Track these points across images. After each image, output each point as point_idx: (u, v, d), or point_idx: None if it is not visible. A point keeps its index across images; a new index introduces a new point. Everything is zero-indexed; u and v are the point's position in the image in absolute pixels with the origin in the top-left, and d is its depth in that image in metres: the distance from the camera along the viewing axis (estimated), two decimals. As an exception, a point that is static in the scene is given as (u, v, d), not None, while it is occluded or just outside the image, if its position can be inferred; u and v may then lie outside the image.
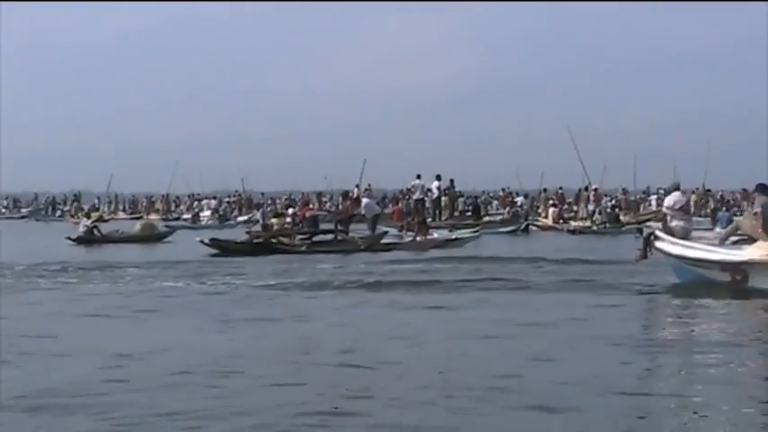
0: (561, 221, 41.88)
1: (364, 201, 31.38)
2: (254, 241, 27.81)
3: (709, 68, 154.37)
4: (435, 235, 30.87)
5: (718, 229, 36.62)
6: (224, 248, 27.03)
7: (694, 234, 17.51)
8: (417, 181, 41.63)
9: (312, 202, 48.64)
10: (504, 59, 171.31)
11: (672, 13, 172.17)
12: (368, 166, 39.23)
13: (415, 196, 40.96)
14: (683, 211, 18.22)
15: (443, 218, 40.91)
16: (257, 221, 31.77)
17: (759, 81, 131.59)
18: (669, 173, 43.55)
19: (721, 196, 52.24)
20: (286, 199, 49.95)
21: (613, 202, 46.40)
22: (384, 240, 28.83)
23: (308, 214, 30.36)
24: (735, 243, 16.02)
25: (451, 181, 43.25)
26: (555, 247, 26.83)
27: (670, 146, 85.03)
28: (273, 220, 30.34)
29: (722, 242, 16.09)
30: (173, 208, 60.78)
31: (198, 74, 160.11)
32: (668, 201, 18.45)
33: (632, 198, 50.02)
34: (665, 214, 18.48)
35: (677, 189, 18.82)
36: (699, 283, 15.45)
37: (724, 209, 43.45)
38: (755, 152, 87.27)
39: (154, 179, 67.10)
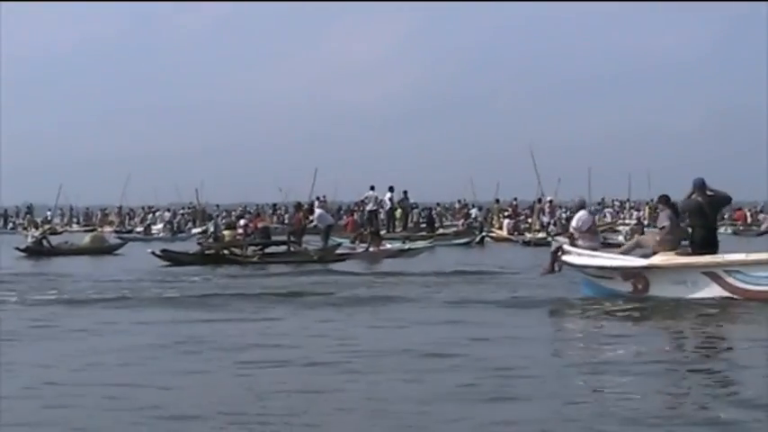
0: (516, 233, 42.16)
1: (317, 211, 31.61)
2: (206, 252, 27.81)
3: (660, 82, 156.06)
4: (388, 246, 31.07)
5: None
6: (175, 260, 27.12)
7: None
8: (371, 192, 41.88)
9: (264, 213, 48.60)
10: (458, 71, 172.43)
11: (625, 26, 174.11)
12: (324, 178, 39.40)
13: (368, 208, 41.11)
14: (591, 231, 18.41)
15: (397, 230, 40.95)
16: (212, 233, 31.86)
17: (711, 94, 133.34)
18: (624, 185, 44.03)
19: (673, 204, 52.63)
20: (241, 210, 49.93)
21: (568, 213, 46.73)
22: (337, 251, 28.89)
23: (259, 225, 30.45)
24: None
25: (405, 192, 43.59)
26: (501, 259, 27.12)
27: (624, 158, 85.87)
28: (226, 232, 30.34)
29: (623, 254, 16.28)
30: (126, 220, 60.49)
31: (151, 85, 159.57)
32: (575, 221, 18.50)
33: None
34: (571, 234, 18.69)
35: (582, 208, 18.96)
36: (603, 294, 15.60)
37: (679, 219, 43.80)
38: (709, 162, 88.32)
39: (108, 191, 66.77)
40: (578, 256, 16.30)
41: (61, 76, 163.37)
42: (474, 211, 48.90)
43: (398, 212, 42.93)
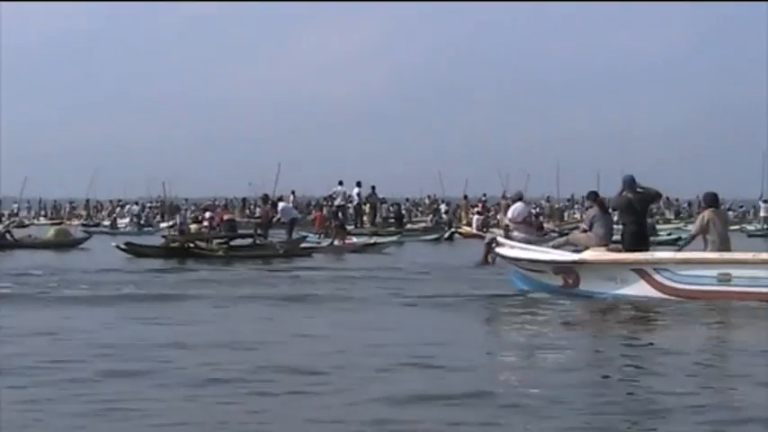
0: (485, 229, 42.26)
1: (281, 205, 31.86)
2: (171, 245, 27.78)
3: (629, 81, 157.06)
4: (354, 240, 31.31)
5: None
6: (140, 253, 27.19)
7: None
8: (339, 188, 42.19)
9: (234, 207, 48.58)
10: (430, 68, 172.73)
11: (602, 24, 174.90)
12: (293, 173, 39.43)
13: (336, 203, 41.29)
14: (526, 222, 18.79)
15: (365, 225, 41.11)
16: (178, 226, 31.93)
17: (680, 94, 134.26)
18: (592, 181, 44.33)
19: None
20: (206, 204, 49.78)
21: (537, 210, 47.10)
22: (303, 245, 29.00)
23: (225, 218, 30.43)
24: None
25: (373, 188, 43.83)
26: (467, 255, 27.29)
27: (592, 155, 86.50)
28: (192, 226, 30.33)
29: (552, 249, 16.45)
30: (94, 214, 60.34)
31: (121, 78, 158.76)
32: (511, 212, 18.88)
33: (556, 206, 50.79)
34: (506, 225, 18.86)
35: (520, 200, 19.31)
36: (534, 288, 15.82)
37: (649, 216, 44.14)
38: (677, 161, 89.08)
39: (77, 184, 66.50)
40: (511, 249, 16.50)
41: (28, 69, 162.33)
42: (443, 207, 49.07)
43: (367, 207, 43.02)
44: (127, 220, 51.80)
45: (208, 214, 32.18)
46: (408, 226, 43.68)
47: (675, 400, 7.69)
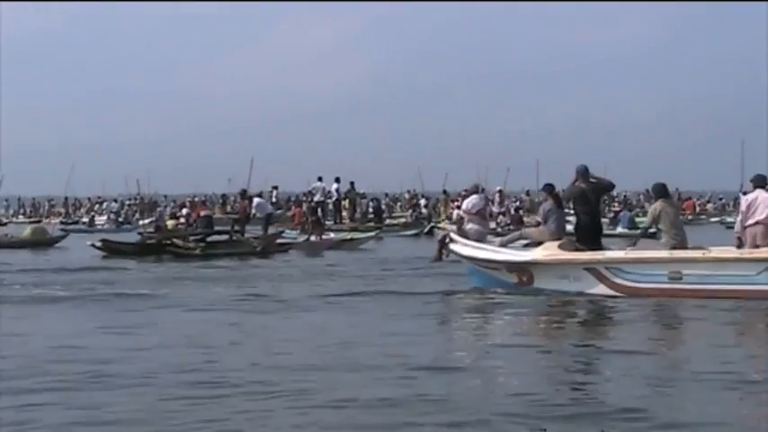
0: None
1: (255, 200, 31.82)
2: (147, 242, 27.80)
3: (607, 75, 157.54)
4: (331, 236, 31.38)
5: (619, 229, 37.79)
6: (115, 250, 27.21)
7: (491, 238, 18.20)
8: (318, 183, 42.30)
9: (213, 204, 48.57)
10: (410, 63, 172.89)
11: (578, 19, 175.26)
12: (272, 169, 39.43)
13: (315, 198, 41.32)
14: (480, 215, 18.90)
15: (344, 220, 41.16)
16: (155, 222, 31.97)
17: (658, 87, 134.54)
18: (570, 175, 44.25)
19: (625, 197, 53.47)
20: (182, 202, 49.79)
21: (518, 203, 47.26)
22: (279, 241, 29.04)
23: (202, 214, 30.42)
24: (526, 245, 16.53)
25: (352, 183, 43.89)
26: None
27: (571, 148, 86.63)
28: (169, 222, 30.34)
29: (503, 245, 16.61)
30: (73, 212, 60.22)
31: (99, 75, 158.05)
32: (466, 204, 19.07)
33: (536, 200, 50.78)
34: (460, 217, 19.02)
35: (476, 192, 19.59)
36: (490, 285, 15.91)
37: (627, 209, 44.53)
38: (655, 154, 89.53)
39: (55, 182, 66.34)
40: (464, 246, 16.62)
41: (4, 66, 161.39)
42: (423, 202, 49.14)
43: (346, 203, 43.06)
44: (105, 217, 51.70)
45: (184, 211, 32.30)
46: (388, 221, 43.74)
47: (618, 401, 7.76)
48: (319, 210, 40.88)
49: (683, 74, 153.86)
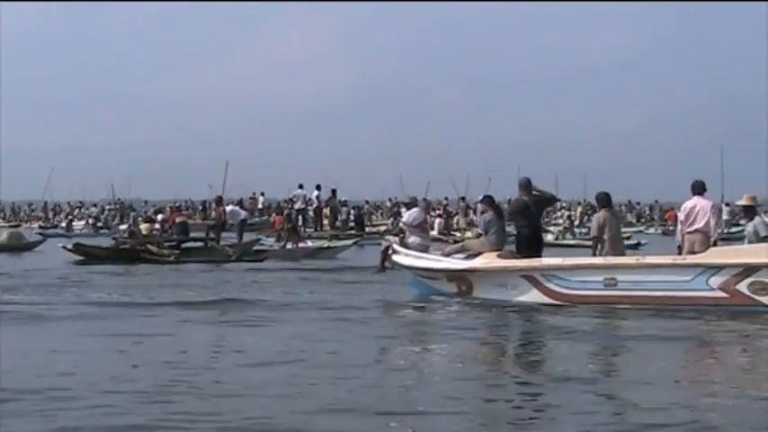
0: (447, 232, 42.22)
1: (228, 208, 31.58)
2: (121, 248, 27.53)
3: (589, 83, 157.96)
4: (309, 243, 31.18)
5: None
6: (88, 254, 27.11)
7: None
8: (299, 191, 42.21)
9: (194, 210, 48.30)
10: (391, 70, 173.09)
11: (561, 25, 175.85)
12: (253, 175, 39.19)
13: (296, 206, 41.08)
14: (421, 227, 19.24)
15: (325, 228, 40.96)
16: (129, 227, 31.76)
17: (641, 97, 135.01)
18: (551, 185, 44.24)
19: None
20: (170, 207, 49.44)
21: (499, 212, 46.99)
22: (256, 248, 28.82)
23: (177, 220, 30.14)
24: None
25: (333, 191, 43.68)
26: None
27: (553, 157, 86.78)
28: (142, 226, 30.02)
29: (446, 256, 16.66)
30: (53, 216, 59.87)
31: (82, 77, 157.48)
32: (406, 217, 19.47)
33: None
34: (401, 229, 19.17)
35: (416, 205, 19.99)
36: (431, 296, 15.95)
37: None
38: (636, 165, 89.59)
39: (36, 186, 65.90)
40: (406, 257, 16.87)
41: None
42: (404, 210, 48.87)
43: (327, 211, 42.84)
44: (84, 222, 51.37)
45: (159, 216, 31.99)
46: (369, 229, 43.50)
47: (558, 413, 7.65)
48: (300, 217, 40.70)
49: (665, 83, 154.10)
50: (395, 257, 17.17)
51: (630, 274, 14.53)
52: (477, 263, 15.70)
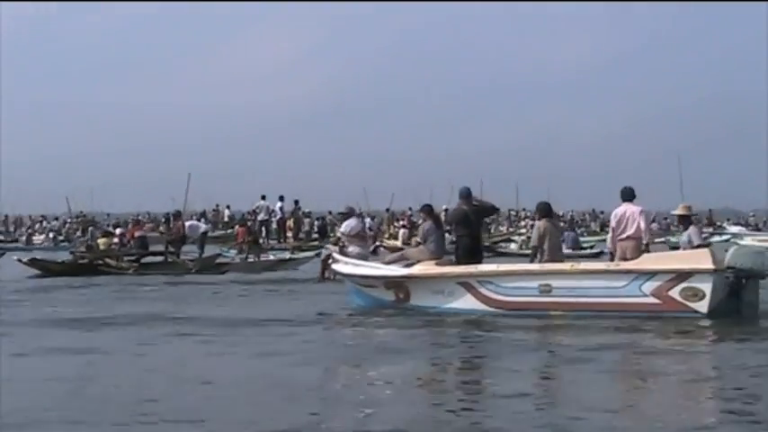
0: (411, 243, 41.96)
1: (188, 223, 31.26)
2: (79, 262, 27.16)
3: (550, 94, 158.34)
4: (271, 257, 30.91)
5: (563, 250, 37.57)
6: (45, 269, 26.71)
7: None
8: (262, 202, 41.93)
9: (155, 223, 47.72)
10: (354, 81, 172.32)
11: (528, 33, 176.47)
12: (221, 187, 38.77)
13: (259, 217, 40.77)
14: (359, 237, 19.54)
15: (289, 240, 40.71)
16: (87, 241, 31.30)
17: (601, 107, 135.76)
18: (512, 196, 44.34)
19: (571, 217, 53.39)
20: (132, 219, 48.78)
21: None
22: (217, 261, 28.55)
23: (136, 234, 29.78)
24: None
25: (296, 202, 43.47)
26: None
27: (512, 169, 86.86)
28: (100, 240, 29.65)
29: (386, 264, 16.80)
30: (13, 230, 59.15)
31: (42, 86, 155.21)
32: (344, 227, 19.75)
33: (486, 220, 50.54)
34: (338, 239, 19.20)
35: (353, 215, 20.27)
36: (369, 304, 16.00)
37: (572, 230, 44.26)
38: (600, 174, 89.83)
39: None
40: (345, 265, 17.01)
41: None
42: (368, 221, 48.64)
43: (291, 222, 42.57)
44: (44, 236, 50.72)
45: (118, 231, 31.66)
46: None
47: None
48: (263, 229, 40.42)
49: (625, 94, 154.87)
50: (334, 266, 17.41)
51: (565, 280, 14.62)
52: (415, 270, 15.89)
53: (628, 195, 15.83)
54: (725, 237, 44.38)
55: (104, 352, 11.93)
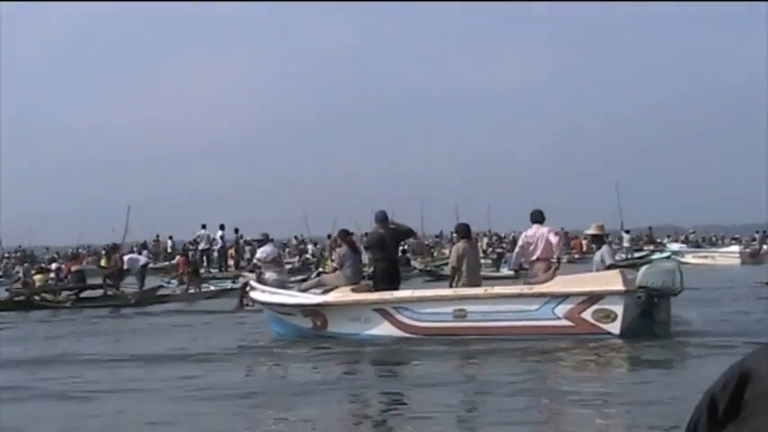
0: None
1: (126, 256, 30.90)
2: (15, 299, 26.62)
3: (491, 111, 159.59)
4: (212, 287, 30.62)
5: (504, 271, 37.57)
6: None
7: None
8: (202, 231, 41.55)
9: (98, 256, 47.08)
10: (293, 106, 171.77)
11: (462, 52, 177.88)
12: (162, 218, 38.26)
13: (200, 246, 40.37)
14: (276, 263, 19.56)
15: (230, 268, 40.34)
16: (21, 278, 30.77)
17: (542, 124, 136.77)
18: (452, 216, 44.25)
19: (513, 238, 53.28)
20: (72, 252, 48.14)
21: (405, 246, 46.62)
22: (158, 293, 28.19)
23: (73, 269, 29.37)
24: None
25: (236, 230, 42.92)
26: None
27: (451, 188, 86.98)
28: (36, 277, 29.16)
29: (303, 291, 16.86)
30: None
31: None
32: (259, 253, 19.71)
33: (426, 242, 50.55)
34: (255, 266, 19.49)
35: (268, 241, 20.33)
36: (288, 332, 15.96)
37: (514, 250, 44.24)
38: (541, 193, 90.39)
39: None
40: (262, 293, 16.99)
41: None
42: (310, 248, 48.42)
43: (232, 251, 42.21)
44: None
45: (54, 266, 31.25)
46: (275, 268, 42.87)
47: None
48: (204, 258, 40.02)
49: (563, 110, 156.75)
50: (252, 294, 17.34)
51: (479, 304, 14.66)
52: (331, 297, 15.84)
53: (537, 217, 15.94)
54: (665, 254, 44.67)
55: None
